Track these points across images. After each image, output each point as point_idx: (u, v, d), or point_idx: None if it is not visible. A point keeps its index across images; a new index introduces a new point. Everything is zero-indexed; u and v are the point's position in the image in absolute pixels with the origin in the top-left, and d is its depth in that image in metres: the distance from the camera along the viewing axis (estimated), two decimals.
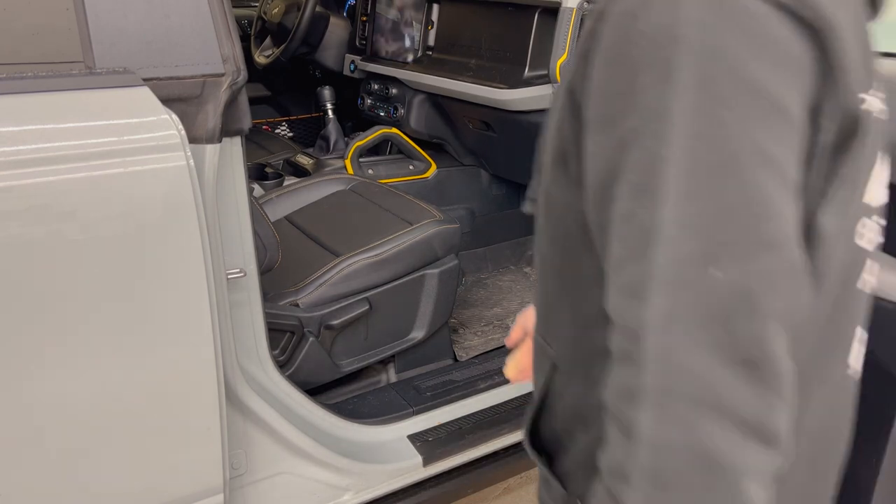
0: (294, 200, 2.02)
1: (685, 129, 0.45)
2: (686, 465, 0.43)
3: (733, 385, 0.43)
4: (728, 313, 0.44)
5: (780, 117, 0.45)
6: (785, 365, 0.45)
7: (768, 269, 0.44)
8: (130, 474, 1.08)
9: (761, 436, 0.43)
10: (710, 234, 0.44)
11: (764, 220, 0.44)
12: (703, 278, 0.44)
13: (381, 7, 2.54)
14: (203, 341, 1.06)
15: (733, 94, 0.44)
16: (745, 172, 0.44)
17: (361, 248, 1.66)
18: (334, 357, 1.63)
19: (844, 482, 1.00)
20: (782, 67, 0.45)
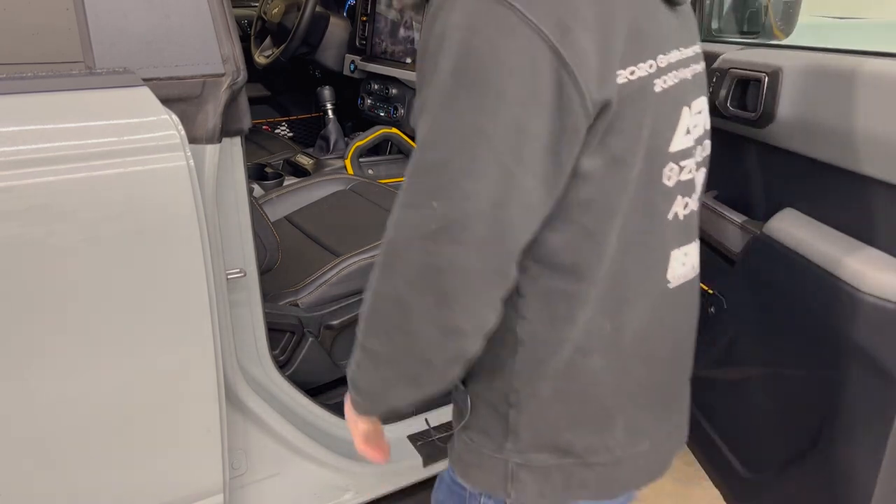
0: (294, 200, 2.03)
1: (436, 102, 0.66)
2: (394, 313, 0.71)
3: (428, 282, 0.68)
4: (438, 234, 0.66)
5: (501, 106, 0.63)
6: (470, 284, 0.68)
7: (472, 212, 0.65)
8: (130, 474, 1.08)
9: (442, 326, 0.69)
10: (435, 176, 0.66)
11: (471, 177, 0.65)
12: (427, 205, 0.66)
13: (381, 7, 2.54)
14: (203, 341, 1.06)
15: (469, 84, 0.64)
16: (465, 141, 0.64)
17: (361, 248, 1.65)
18: (334, 357, 1.63)
19: (844, 482, 1.01)
20: (516, 69, 0.63)
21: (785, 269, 1.08)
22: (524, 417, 0.80)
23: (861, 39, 2.35)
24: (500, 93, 0.64)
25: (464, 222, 0.65)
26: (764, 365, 1.18)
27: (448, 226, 0.66)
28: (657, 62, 0.71)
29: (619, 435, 0.82)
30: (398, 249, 0.70)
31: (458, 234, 0.66)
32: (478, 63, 0.64)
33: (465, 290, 0.68)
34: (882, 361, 0.92)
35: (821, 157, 1.05)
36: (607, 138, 0.69)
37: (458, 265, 0.67)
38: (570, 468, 0.82)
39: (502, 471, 0.83)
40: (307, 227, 1.88)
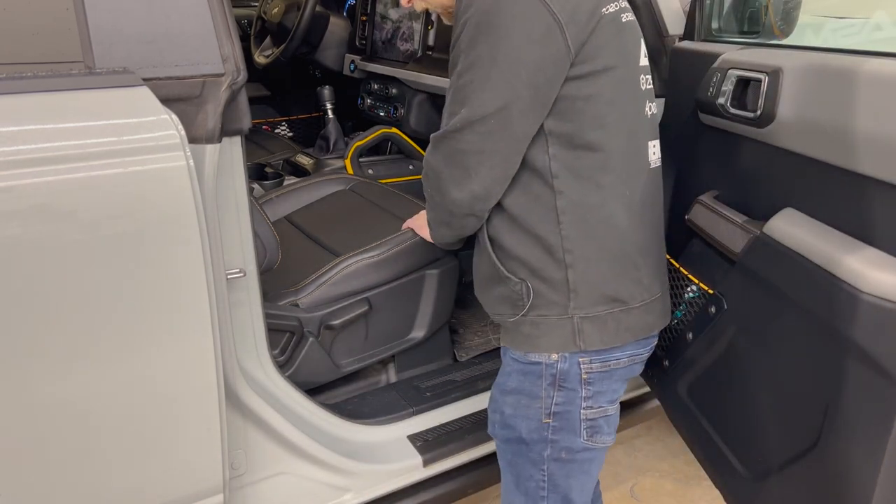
0: (294, 200, 2.02)
1: (465, 43, 1.03)
2: (432, 177, 1.14)
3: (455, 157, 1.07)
4: (463, 129, 1.04)
5: (506, 41, 0.98)
6: (480, 160, 1.04)
7: (481, 112, 1.02)
8: (130, 474, 1.08)
9: (461, 185, 1.08)
10: (462, 93, 1.04)
11: (482, 92, 1.01)
12: (457, 112, 1.04)
13: (381, 7, 2.54)
14: (203, 341, 1.06)
15: (486, 28, 0.99)
16: (480, 70, 1.01)
17: (361, 248, 1.65)
18: (334, 357, 1.63)
19: (844, 482, 1.00)
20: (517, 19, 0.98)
21: (785, 269, 1.08)
22: (580, 276, 1.07)
23: (861, 40, 2.35)
24: (507, 34, 0.98)
25: (481, 119, 1.01)
26: (764, 365, 1.18)
27: (470, 123, 1.02)
28: (619, 3, 1.08)
29: (645, 282, 1.12)
30: (441, 137, 1.08)
31: (476, 127, 1.02)
32: (491, 18, 0.99)
33: (479, 164, 1.04)
34: (882, 361, 0.92)
35: (821, 157, 1.05)
36: (598, 52, 1.02)
37: (475, 148, 1.04)
38: (618, 315, 1.10)
39: (570, 328, 1.09)
40: (307, 227, 1.88)
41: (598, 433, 1.16)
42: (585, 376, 1.12)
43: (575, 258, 1.06)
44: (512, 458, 1.22)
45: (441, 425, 1.65)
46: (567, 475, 1.18)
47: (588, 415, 1.14)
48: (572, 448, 1.16)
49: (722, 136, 1.32)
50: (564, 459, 1.17)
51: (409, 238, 1.67)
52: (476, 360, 1.90)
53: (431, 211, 1.21)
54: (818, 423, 1.04)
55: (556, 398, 1.13)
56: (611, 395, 1.16)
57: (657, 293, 1.15)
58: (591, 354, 1.11)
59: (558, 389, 1.12)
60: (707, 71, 1.34)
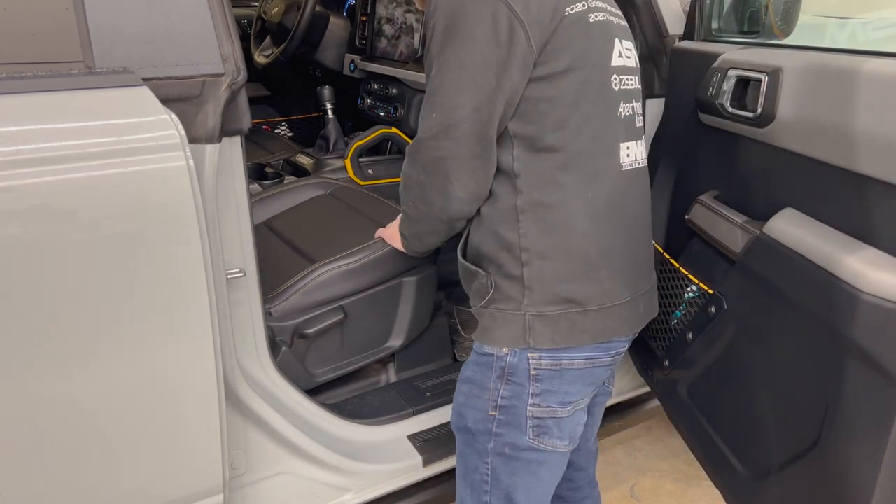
0: (274, 205, 1.99)
1: (434, 48, 1.04)
2: (415, 189, 1.12)
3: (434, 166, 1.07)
4: (439, 134, 1.04)
5: (473, 44, 1.00)
6: (462, 166, 1.05)
7: (457, 116, 1.02)
8: (130, 474, 1.08)
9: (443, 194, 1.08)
10: (435, 97, 1.04)
11: (457, 93, 1.02)
12: (431, 117, 1.04)
13: (381, 7, 2.54)
14: (203, 341, 1.06)
15: (452, 33, 1.01)
16: (450, 70, 1.02)
17: (337, 255, 1.62)
18: (308, 367, 1.60)
19: (844, 482, 1.00)
20: (479, 20, 1.00)
21: (785, 269, 1.08)
22: (535, 273, 1.07)
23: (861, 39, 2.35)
24: (472, 37, 1.00)
25: (454, 124, 1.02)
26: (764, 365, 1.18)
27: (445, 128, 1.03)
28: (588, 3, 1.07)
29: (606, 285, 1.10)
30: (417, 146, 1.08)
31: (452, 133, 1.03)
32: (457, 21, 1.01)
33: (459, 169, 1.05)
34: (882, 361, 0.92)
35: (821, 157, 1.05)
36: (559, 53, 1.03)
37: (453, 154, 1.04)
38: (573, 315, 1.09)
39: (521, 324, 1.09)
40: (285, 233, 1.85)
41: (545, 434, 1.14)
42: (534, 372, 1.11)
43: (531, 256, 1.07)
44: (461, 448, 1.23)
45: (441, 425, 1.65)
46: (511, 472, 1.17)
47: (535, 412, 1.12)
48: (517, 445, 1.14)
49: (722, 136, 1.32)
50: (508, 455, 1.16)
51: (384, 245, 1.64)
52: None
53: (414, 223, 1.19)
54: (818, 423, 1.04)
55: (502, 391, 1.13)
56: (563, 396, 1.13)
57: (624, 298, 1.12)
58: (542, 351, 1.10)
59: (506, 383, 1.12)
60: (707, 71, 1.34)
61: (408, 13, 2.40)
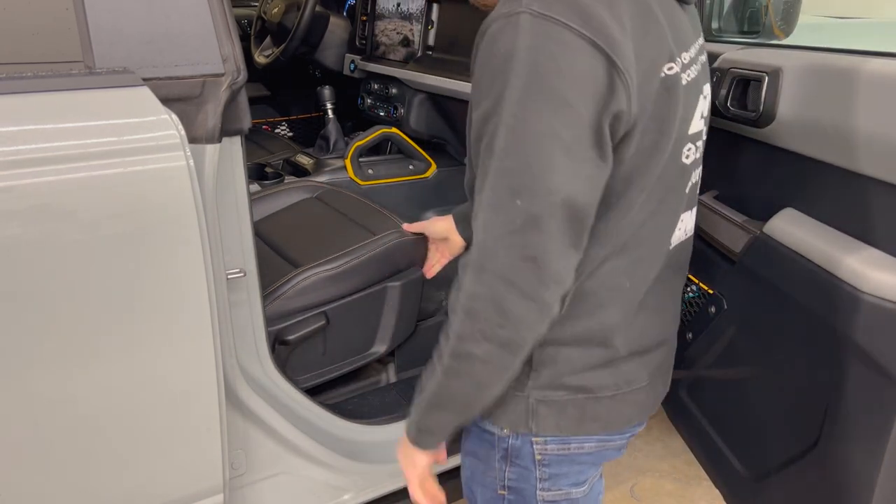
0: (259, 209, 1.95)
1: (510, 113, 0.75)
2: (491, 311, 0.79)
3: (523, 272, 0.77)
4: (524, 228, 0.76)
5: (568, 112, 0.74)
6: (556, 262, 0.78)
7: (550, 205, 0.76)
8: (130, 474, 1.08)
9: (539, 305, 0.79)
10: (517, 178, 0.76)
11: (549, 174, 0.75)
12: (512, 205, 0.76)
13: (380, 7, 2.54)
14: (203, 341, 1.06)
15: (539, 95, 0.74)
16: (540, 144, 0.75)
17: (319, 259, 1.59)
18: (290, 373, 1.56)
19: (844, 482, 1.00)
20: (577, 79, 0.74)
21: (785, 269, 1.08)
22: (546, 357, 0.92)
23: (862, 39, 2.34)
24: (567, 100, 0.74)
25: (547, 213, 0.77)
26: (764, 365, 1.18)
27: (533, 219, 0.77)
28: (682, 59, 0.85)
29: (625, 372, 0.95)
30: (489, 248, 0.79)
31: (544, 224, 0.77)
32: (545, 77, 0.74)
33: (554, 268, 0.79)
34: (882, 361, 0.92)
35: (821, 157, 1.05)
36: (648, 125, 0.81)
37: (546, 250, 0.78)
38: (582, 402, 0.94)
39: (524, 407, 0.94)
40: (269, 237, 1.82)
41: None
42: (539, 457, 0.98)
43: (545, 340, 0.88)
44: None
45: None
46: None
47: (546, 496, 1.00)
48: None
49: (722, 136, 1.32)
50: None
51: (368, 250, 1.62)
52: None
53: (483, 365, 0.84)
54: (818, 423, 1.04)
55: (508, 472, 1.00)
56: (575, 477, 1.01)
57: (642, 382, 0.98)
58: (547, 436, 0.96)
59: (511, 465, 0.99)
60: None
61: (408, 13, 2.40)
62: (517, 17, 0.75)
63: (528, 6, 0.75)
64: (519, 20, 0.74)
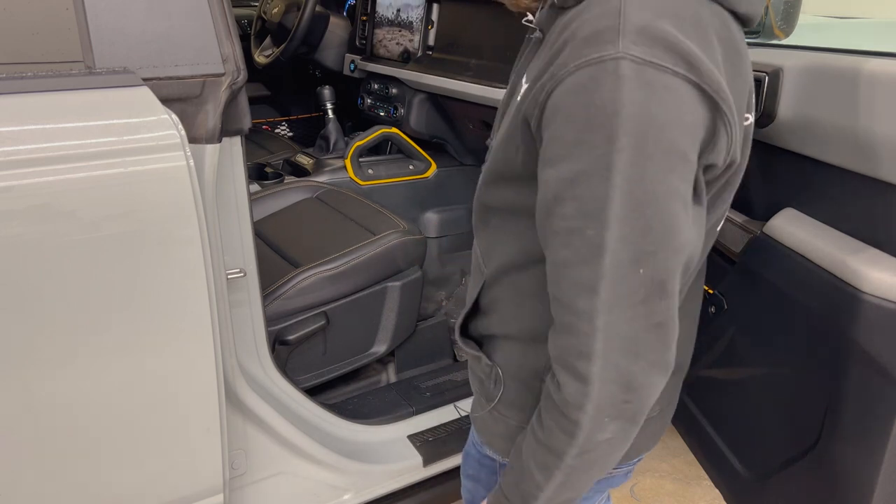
0: (259, 209, 1.96)
1: (624, 176, 0.65)
2: (617, 391, 0.70)
3: (650, 341, 0.70)
4: (649, 296, 0.68)
5: (685, 165, 0.67)
6: (676, 319, 0.71)
7: (675, 266, 0.69)
8: (130, 474, 1.08)
9: (664, 368, 0.71)
10: (638, 246, 0.66)
11: (674, 235, 0.67)
12: (635, 275, 0.67)
13: (381, 7, 2.54)
14: (203, 341, 1.06)
15: (655, 152, 0.65)
16: (662, 205, 0.66)
17: (319, 259, 1.60)
18: (290, 373, 1.58)
19: (844, 482, 1.00)
20: (689, 129, 0.66)
21: (785, 269, 1.08)
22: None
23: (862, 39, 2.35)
24: (684, 153, 0.67)
25: (671, 276, 0.69)
26: (764, 365, 1.18)
27: (659, 285, 0.69)
28: (751, 101, 0.78)
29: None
30: (614, 328, 0.69)
31: (669, 287, 0.69)
32: (662, 131, 0.65)
33: (676, 326, 0.72)
34: (882, 361, 0.92)
35: (821, 157, 1.05)
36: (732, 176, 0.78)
37: (671, 312, 0.70)
38: None
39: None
40: (270, 237, 1.83)
41: None
42: None
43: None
44: None
45: (441, 425, 1.65)
46: None
47: None
48: None
49: None
50: None
51: (368, 250, 1.62)
52: None
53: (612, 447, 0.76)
54: (818, 423, 1.04)
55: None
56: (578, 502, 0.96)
57: (653, 413, 0.93)
58: None
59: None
60: None
61: (408, 13, 2.40)
62: (616, 65, 0.64)
63: (627, 51, 0.64)
64: (619, 68, 0.63)
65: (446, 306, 2.16)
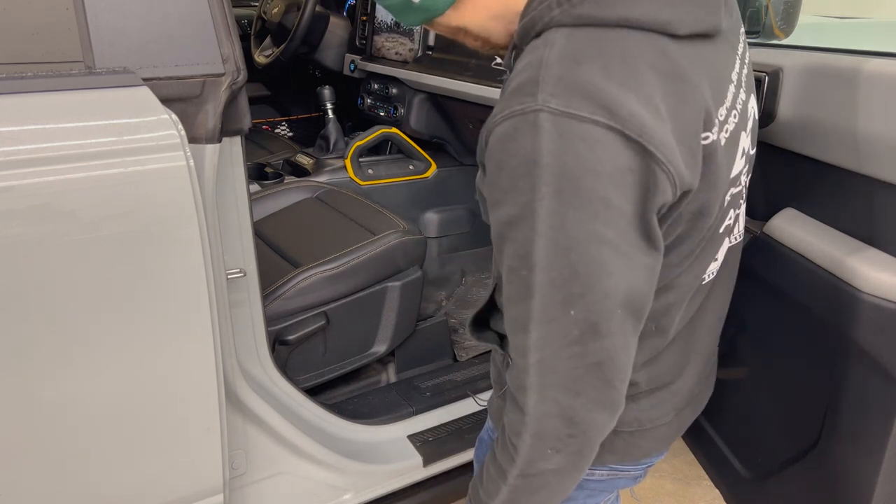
0: (259, 209, 1.96)
1: (547, 223, 0.66)
2: (560, 425, 0.73)
3: (589, 380, 0.71)
4: (583, 337, 0.69)
5: (609, 211, 0.66)
6: (621, 359, 0.72)
7: (608, 308, 0.69)
8: (130, 474, 1.08)
9: (608, 406, 0.73)
10: (567, 289, 0.68)
11: (601, 279, 0.68)
12: (565, 316, 0.69)
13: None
14: (203, 341, 1.06)
15: (574, 200, 0.65)
16: (585, 250, 0.67)
17: (319, 259, 1.60)
18: (290, 373, 1.58)
19: (844, 482, 1.00)
20: (610, 176, 0.65)
21: (785, 269, 1.08)
22: None
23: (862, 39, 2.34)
24: (606, 199, 0.66)
25: (605, 318, 0.70)
26: (764, 365, 1.18)
27: (592, 326, 0.70)
28: (719, 117, 0.74)
29: (647, 410, 0.92)
30: (548, 365, 0.72)
31: (603, 329, 0.70)
32: (578, 180, 0.65)
33: (620, 366, 0.73)
34: (882, 361, 0.92)
35: (821, 157, 1.05)
36: (694, 197, 0.74)
37: (609, 353, 0.71)
38: None
39: None
40: (270, 237, 1.83)
41: None
42: None
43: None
44: None
45: (441, 425, 1.65)
46: None
47: None
48: None
49: None
50: None
51: (368, 250, 1.62)
52: (476, 360, 1.90)
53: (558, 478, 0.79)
54: (818, 423, 1.04)
55: None
56: (584, 500, 0.99)
57: (667, 419, 0.93)
58: None
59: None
60: None
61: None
62: (535, 117, 0.65)
63: (546, 103, 0.65)
64: (538, 120, 0.65)
65: (446, 306, 2.16)
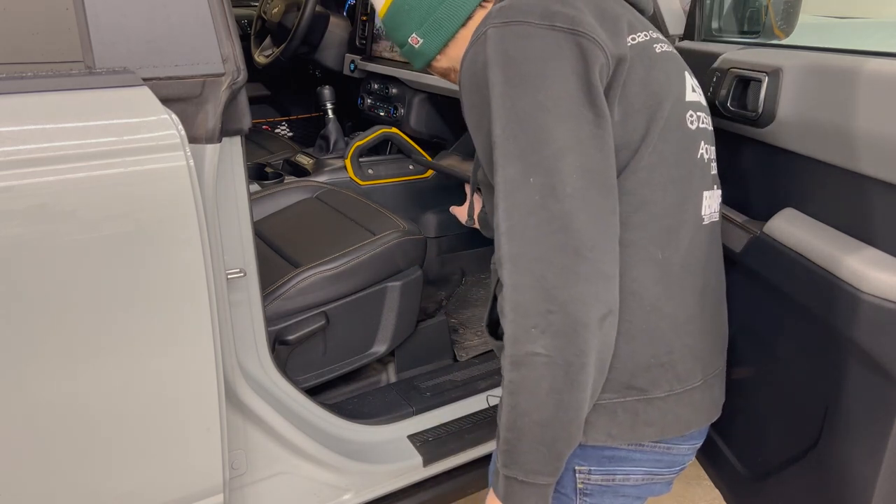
0: (259, 209, 1.96)
1: (500, 106, 0.79)
2: (537, 298, 0.76)
3: (556, 245, 0.76)
4: (544, 200, 0.76)
5: (550, 83, 0.78)
6: (586, 227, 0.77)
7: (562, 169, 0.77)
8: (130, 474, 1.08)
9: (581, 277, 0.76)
10: (525, 159, 0.77)
11: (550, 141, 0.77)
12: (526, 184, 0.77)
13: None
14: (203, 341, 1.06)
15: (518, 79, 0.79)
16: (533, 119, 0.78)
17: (319, 259, 1.60)
18: (290, 373, 1.58)
19: (844, 482, 1.00)
20: (546, 54, 0.79)
21: (785, 269, 1.08)
22: None
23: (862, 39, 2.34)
24: (543, 75, 0.79)
25: (560, 180, 0.77)
26: (764, 365, 1.18)
27: (550, 189, 0.77)
28: (649, 34, 0.91)
29: (679, 367, 0.91)
30: (517, 232, 0.78)
31: (560, 191, 0.77)
32: (519, 63, 0.80)
33: (587, 234, 0.77)
34: (882, 361, 0.92)
35: (821, 157, 1.05)
36: (636, 89, 0.85)
37: (571, 217, 0.77)
38: (633, 405, 0.89)
39: None
40: (270, 237, 1.83)
41: None
42: (581, 486, 0.93)
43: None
44: None
45: (441, 425, 1.65)
46: None
47: None
48: None
49: (722, 136, 1.32)
50: None
51: (368, 250, 1.62)
52: (476, 360, 1.90)
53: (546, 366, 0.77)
54: (818, 423, 1.04)
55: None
56: None
57: (696, 381, 0.92)
58: (591, 464, 0.91)
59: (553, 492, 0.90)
60: (707, 71, 1.34)
61: None
62: (484, 36, 0.82)
63: (490, 23, 0.82)
64: (486, 36, 0.82)
65: (446, 306, 2.16)
